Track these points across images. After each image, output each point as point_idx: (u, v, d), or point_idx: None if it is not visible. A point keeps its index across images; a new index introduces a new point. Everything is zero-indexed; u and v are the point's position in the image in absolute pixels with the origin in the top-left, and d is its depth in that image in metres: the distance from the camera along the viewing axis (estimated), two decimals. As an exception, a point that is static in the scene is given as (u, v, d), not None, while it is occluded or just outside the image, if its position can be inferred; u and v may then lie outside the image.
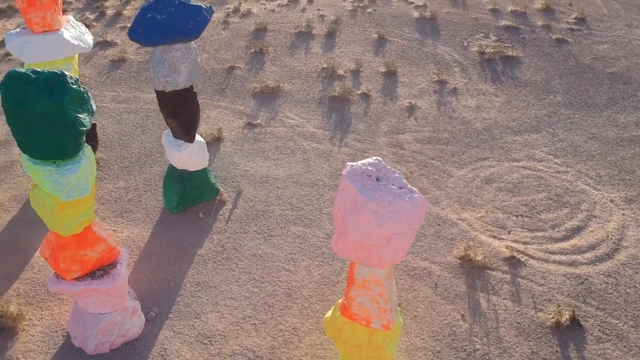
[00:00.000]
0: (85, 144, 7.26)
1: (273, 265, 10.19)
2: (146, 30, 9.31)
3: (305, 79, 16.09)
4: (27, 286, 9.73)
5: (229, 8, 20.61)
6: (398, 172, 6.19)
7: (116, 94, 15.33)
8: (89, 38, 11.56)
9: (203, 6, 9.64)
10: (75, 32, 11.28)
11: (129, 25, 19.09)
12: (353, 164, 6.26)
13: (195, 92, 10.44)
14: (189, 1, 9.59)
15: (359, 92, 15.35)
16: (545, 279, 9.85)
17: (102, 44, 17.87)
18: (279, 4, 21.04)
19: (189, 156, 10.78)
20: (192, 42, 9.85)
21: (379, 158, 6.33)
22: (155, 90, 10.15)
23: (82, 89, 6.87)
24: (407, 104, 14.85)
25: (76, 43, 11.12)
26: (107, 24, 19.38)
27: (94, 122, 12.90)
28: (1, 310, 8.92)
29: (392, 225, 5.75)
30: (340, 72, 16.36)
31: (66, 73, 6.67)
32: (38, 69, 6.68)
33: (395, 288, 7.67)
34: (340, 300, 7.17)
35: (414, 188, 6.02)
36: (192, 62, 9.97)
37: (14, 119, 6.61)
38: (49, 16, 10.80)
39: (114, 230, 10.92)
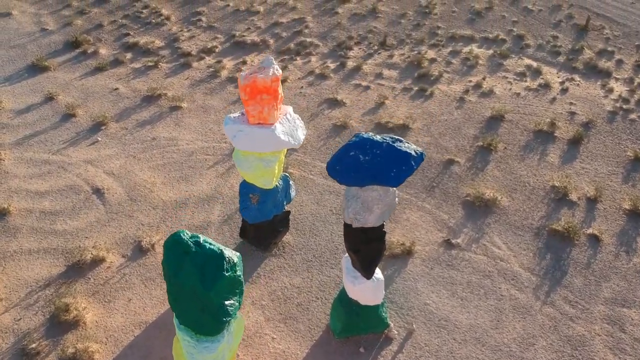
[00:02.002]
0: (233, 319, 6.71)
1: None
2: (345, 169, 8.56)
3: (529, 195, 14.13)
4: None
5: (470, 81, 19.15)
6: None
7: (324, 167, 14.98)
8: (300, 134, 11.23)
9: (413, 153, 8.56)
10: (288, 127, 11.01)
11: (363, 84, 18.76)
12: None
13: (384, 231, 9.46)
14: (400, 144, 8.59)
15: (589, 231, 13.00)
16: None
17: (330, 102, 17.75)
18: (528, 86, 18.98)
19: (362, 292, 9.88)
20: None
21: None
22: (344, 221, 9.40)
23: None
24: (645, 267, 12.18)
25: (286, 139, 10.84)
26: (343, 77, 19.25)
27: (288, 209, 12.65)
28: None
29: None
30: (573, 196, 14.06)
31: (226, 255, 6.18)
32: (203, 241, 6.28)
33: None
34: None
35: None
36: (387, 204, 9.00)
37: (168, 278, 6.34)
38: (266, 111, 10.64)
39: (273, 339, 10.50)
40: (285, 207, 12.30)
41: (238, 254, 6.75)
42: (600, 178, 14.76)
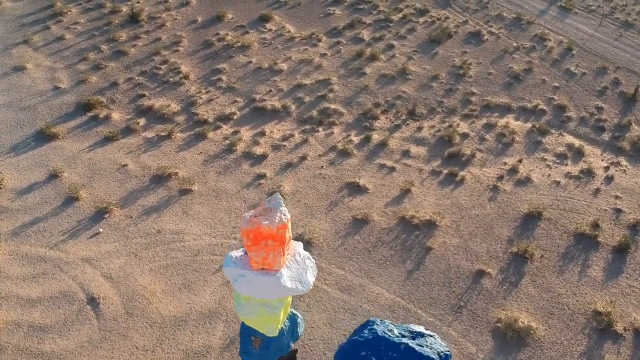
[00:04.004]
0: None
1: None
2: (353, 371, 7.23)
3: (567, 322, 12.60)
4: None
5: (506, 164, 17.61)
6: None
7: (342, 275, 13.66)
8: (310, 277, 9.91)
9: (437, 358, 7.18)
10: (295, 271, 9.72)
11: (389, 164, 17.37)
12: None
13: None
14: (422, 342, 7.23)
15: (636, 378, 11.42)
16: None
17: (352, 188, 16.42)
18: (569, 172, 17.37)
19: None
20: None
21: None
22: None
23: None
24: None
25: (292, 286, 9.54)
26: (367, 155, 17.88)
27: (295, 348, 11.35)
28: None
29: None
30: (619, 327, 12.49)
31: None
32: None
33: None
34: None
35: None
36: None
37: None
38: (271, 257, 9.37)
39: None
40: (292, 346, 11.01)
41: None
42: (649, 301, 13.15)
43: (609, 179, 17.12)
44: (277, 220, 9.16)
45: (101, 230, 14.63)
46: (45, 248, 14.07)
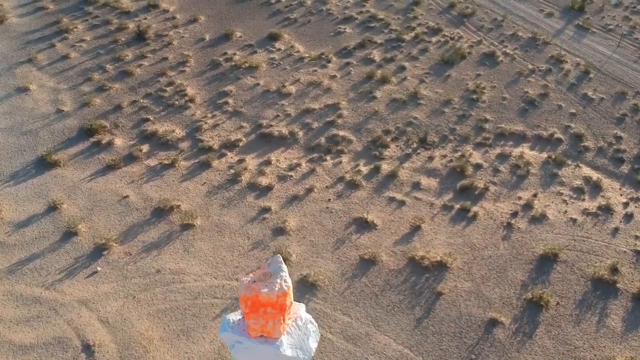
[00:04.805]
0: None
1: None
2: None
3: (585, 380, 11.95)
4: None
5: (520, 198, 16.95)
6: None
7: (347, 322, 13.08)
8: (312, 343, 9.31)
9: None
10: (296, 338, 9.14)
11: (398, 197, 16.77)
12: None
13: None
14: None
15: None
16: None
17: (359, 224, 15.84)
18: (586, 208, 16.68)
19: None
20: None
21: None
22: None
23: None
24: None
25: (293, 354, 8.96)
26: (376, 186, 17.28)
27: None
28: None
29: None
30: (639, 386, 11.80)
31: None
32: None
33: None
34: None
35: None
36: None
37: None
38: (270, 325, 8.81)
39: None
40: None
41: None
42: (672, 357, 12.46)
43: (629, 217, 16.42)
44: (277, 289, 8.59)
45: (99, 268, 14.15)
46: (41, 288, 13.61)
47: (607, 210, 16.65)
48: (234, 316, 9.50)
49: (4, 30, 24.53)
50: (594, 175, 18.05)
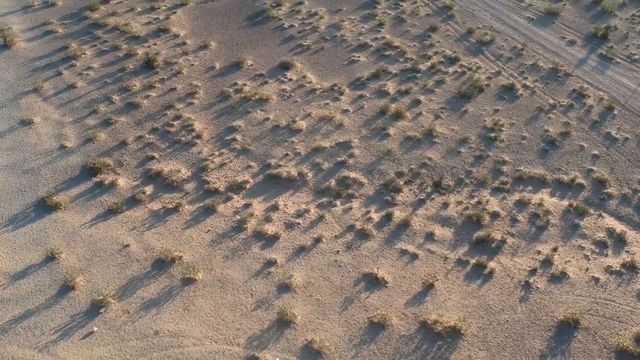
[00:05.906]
0: None
1: None
2: None
3: None
4: None
5: (539, 252, 16.10)
6: None
7: (354, 397, 12.35)
8: None
9: None
10: None
11: (411, 250, 15.99)
12: None
13: None
14: None
15: None
16: None
17: (369, 280, 15.09)
18: (609, 265, 15.78)
19: None
20: None
21: None
22: None
23: None
24: None
25: None
26: (388, 237, 16.50)
27: None
28: None
29: None
30: None
31: None
32: None
33: None
34: None
35: None
36: None
37: None
38: None
39: None
40: None
41: None
42: None
43: (655, 277, 15.51)
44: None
45: (95, 329, 13.54)
46: (33, 350, 13.03)
47: (631, 268, 15.75)
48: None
49: (11, 56, 24.11)
50: (618, 226, 17.13)
